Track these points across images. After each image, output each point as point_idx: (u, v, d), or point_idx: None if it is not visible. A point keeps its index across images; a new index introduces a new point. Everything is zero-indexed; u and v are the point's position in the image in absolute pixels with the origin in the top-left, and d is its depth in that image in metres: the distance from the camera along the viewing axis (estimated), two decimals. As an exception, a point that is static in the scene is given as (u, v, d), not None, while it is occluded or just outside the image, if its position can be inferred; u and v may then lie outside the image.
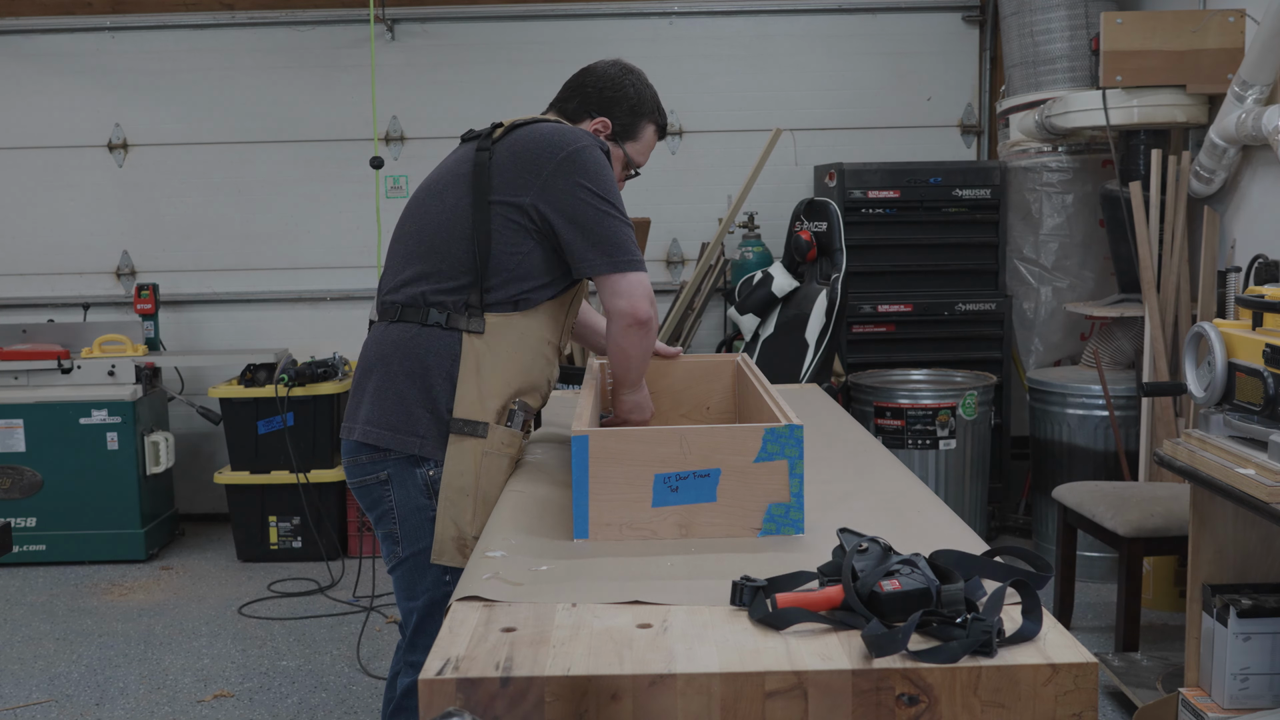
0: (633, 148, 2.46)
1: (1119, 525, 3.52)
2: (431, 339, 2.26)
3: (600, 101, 2.42)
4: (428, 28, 5.78)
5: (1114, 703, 3.54)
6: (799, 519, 1.80)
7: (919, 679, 1.31)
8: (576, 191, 2.21)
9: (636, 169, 2.50)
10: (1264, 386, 2.54)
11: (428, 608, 2.30)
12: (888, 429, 4.79)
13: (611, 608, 1.52)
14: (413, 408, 2.25)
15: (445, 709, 1.29)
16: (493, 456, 2.24)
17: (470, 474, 2.23)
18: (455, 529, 2.23)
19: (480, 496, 2.23)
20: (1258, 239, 4.05)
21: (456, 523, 2.23)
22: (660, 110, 2.49)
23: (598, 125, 2.41)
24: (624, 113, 2.43)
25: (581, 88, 2.44)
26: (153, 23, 5.75)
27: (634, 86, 2.43)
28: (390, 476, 2.28)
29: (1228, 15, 4.14)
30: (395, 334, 2.30)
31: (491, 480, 2.24)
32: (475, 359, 2.24)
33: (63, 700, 3.75)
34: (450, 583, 2.25)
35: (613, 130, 2.42)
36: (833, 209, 4.97)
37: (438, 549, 2.25)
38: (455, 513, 2.23)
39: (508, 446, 2.27)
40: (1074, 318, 5.17)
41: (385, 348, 2.30)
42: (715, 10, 5.79)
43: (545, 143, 2.24)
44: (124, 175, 5.86)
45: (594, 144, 2.26)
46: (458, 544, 2.24)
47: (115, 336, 5.31)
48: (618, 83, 2.43)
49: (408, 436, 2.25)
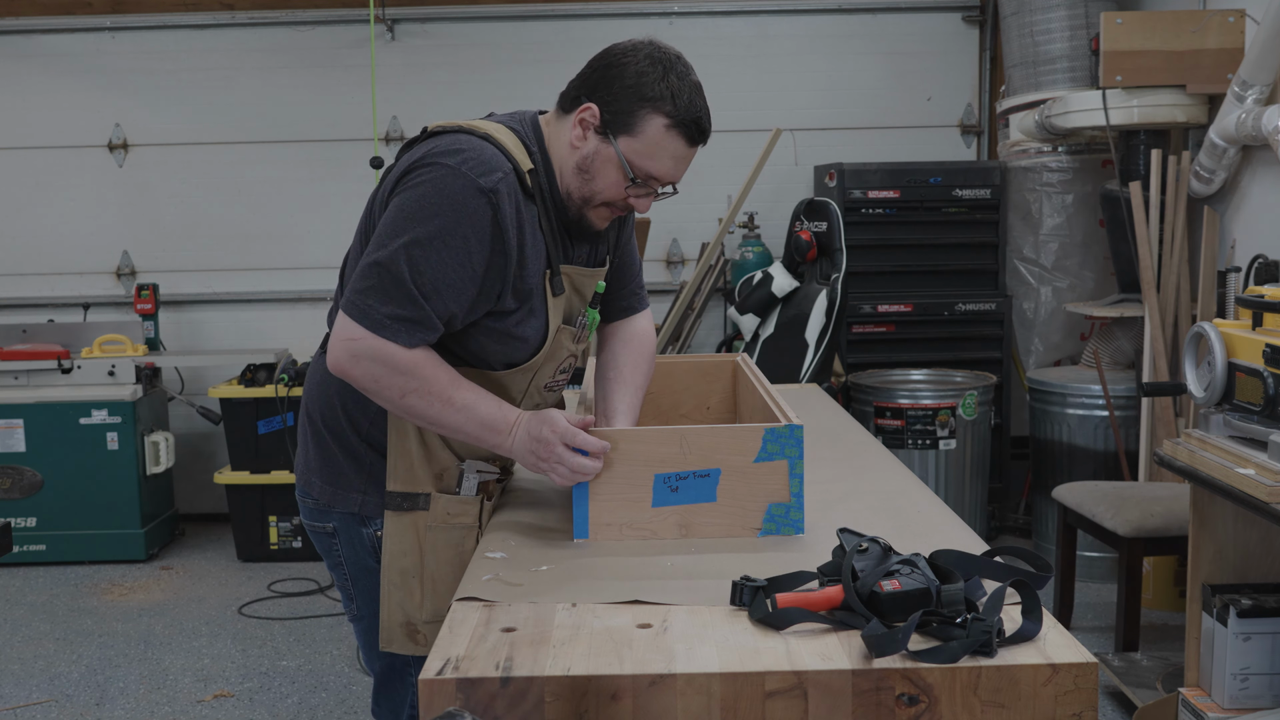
0: (630, 145, 1.84)
1: (1119, 525, 3.52)
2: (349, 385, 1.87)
3: (593, 82, 1.86)
4: (428, 28, 5.78)
5: (1114, 703, 3.54)
6: (799, 519, 1.80)
7: (919, 679, 1.31)
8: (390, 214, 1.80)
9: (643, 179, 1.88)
10: (1264, 386, 2.54)
11: (385, 673, 2.07)
12: (888, 429, 4.79)
13: (611, 608, 1.52)
14: (342, 463, 1.96)
15: (445, 709, 1.29)
16: (439, 530, 1.93)
17: (414, 553, 1.93)
18: (402, 614, 1.96)
19: (428, 577, 1.94)
20: (1258, 239, 4.05)
21: (403, 608, 1.95)
22: (676, 101, 1.84)
23: (583, 114, 1.85)
24: (616, 96, 1.83)
25: (586, 67, 1.90)
26: (153, 23, 5.75)
27: (638, 65, 1.83)
28: (336, 530, 2.00)
29: (1228, 15, 4.14)
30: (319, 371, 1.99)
31: (441, 558, 1.94)
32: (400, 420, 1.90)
33: (63, 700, 3.75)
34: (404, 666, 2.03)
35: (601, 119, 1.84)
36: (833, 209, 4.97)
37: (385, 636, 1.97)
38: (401, 596, 1.95)
39: (458, 516, 1.94)
40: (1074, 318, 5.17)
41: (312, 387, 2.01)
42: (715, 10, 5.79)
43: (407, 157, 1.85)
44: (124, 175, 5.86)
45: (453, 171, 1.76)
46: (407, 631, 1.97)
47: (115, 336, 5.31)
48: (618, 60, 1.85)
49: (346, 493, 1.96)
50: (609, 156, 1.85)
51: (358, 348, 1.77)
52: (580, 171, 1.88)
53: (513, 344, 1.90)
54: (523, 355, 1.92)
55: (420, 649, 1.95)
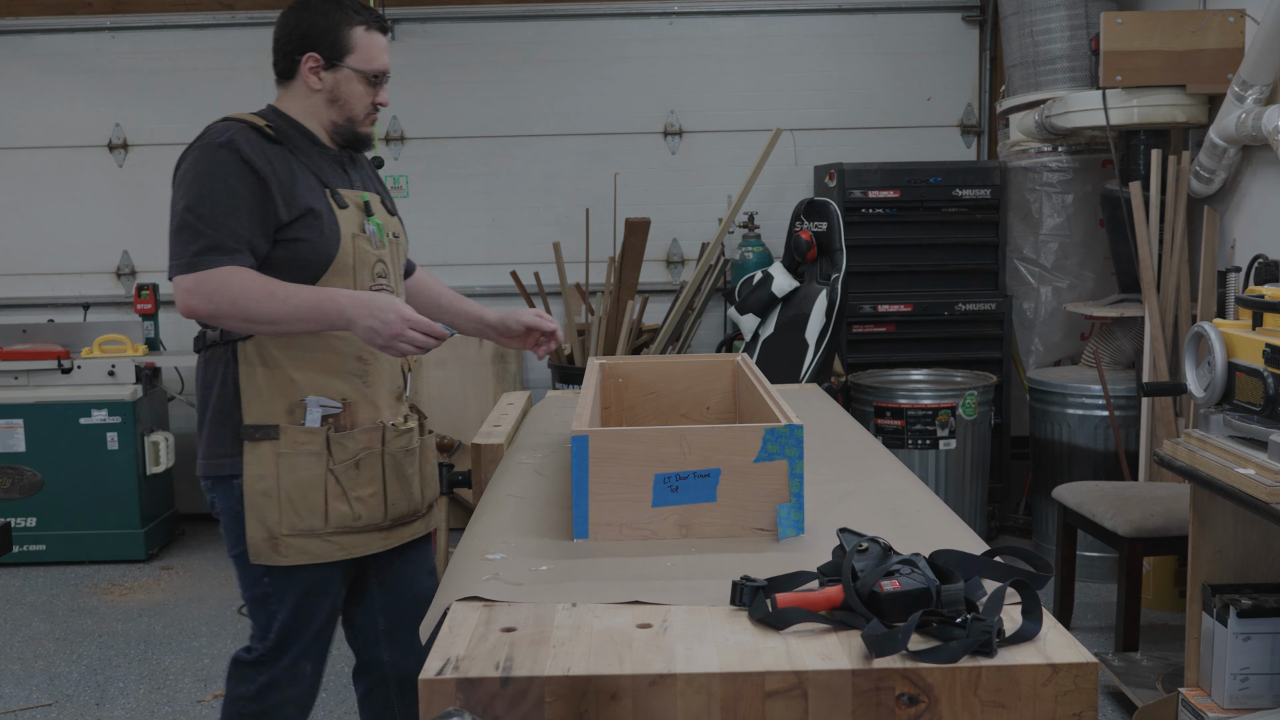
0: (355, 59, 2.33)
1: (1119, 525, 3.52)
2: (214, 361, 2.32)
3: (296, 41, 2.34)
4: (428, 28, 5.78)
5: (1114, 703, 3.54)
6: (799, 519, 1.80)
7: (919, 679, 1.31)
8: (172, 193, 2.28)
9: (377, 75, 2.36)
10: (1264, 386, 2.54)
11: (251, 603, 2.39)
12: (888, 429, 4.80)
13: (611, 608, 1.52)
14: (215, 429, 2.31)
15: (445, 709, 1.29)
16: (290, 457, 2.27)
17: (271, 476, 2.27)
18: (264, 530, 2.29)
19: (285, 496, 2.27)
20: (1258, 239, 4.05)
21: (264, 524, 2.28)
22: (359, 10, 2.34)
23: (309, 63, 2.33)
24: (320, 36, 2.32)
25: (276, 42, 2.38)
26: (153, 23, 5.76)
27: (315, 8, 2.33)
28: (214, 500, 2.37)
29: (1228, 15, 4.14)
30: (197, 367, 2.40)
31: (295, 479, 2.28)
32: (251, 364, 2.28)
33: (63, 700, 3.75)
34: (269, 584, 2.34)
35: (324, 59, 2.33)
36: (833, 209, 4.97)
37: (253, 551, 2.30)
38: (261, 514, 2.28)
39: (305, 444, 2.28)
40: (1074, 318, 5.17)
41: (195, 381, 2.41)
42: (715, 10, 5.79)
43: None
44: (124, 175, 5.86)
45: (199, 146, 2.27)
46: (269, 543, 2.29)
47: (115, 336, 5.31)
48: (296, 14, 2.34)
49: (218, 459, 2.31)
50: (346, 76, 2.34)
51: (187, 284, 2.18)
52: (332, 103, 2.36)
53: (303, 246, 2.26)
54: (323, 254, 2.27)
55: (282, 559, 2.30)
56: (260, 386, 2.28)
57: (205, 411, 2.34)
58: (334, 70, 2.34)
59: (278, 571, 2.33)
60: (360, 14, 2.34)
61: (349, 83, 2.34)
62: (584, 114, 5.73)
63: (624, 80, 5.77)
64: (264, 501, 2.28)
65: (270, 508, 2.28)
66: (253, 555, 2.31)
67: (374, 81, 2.36)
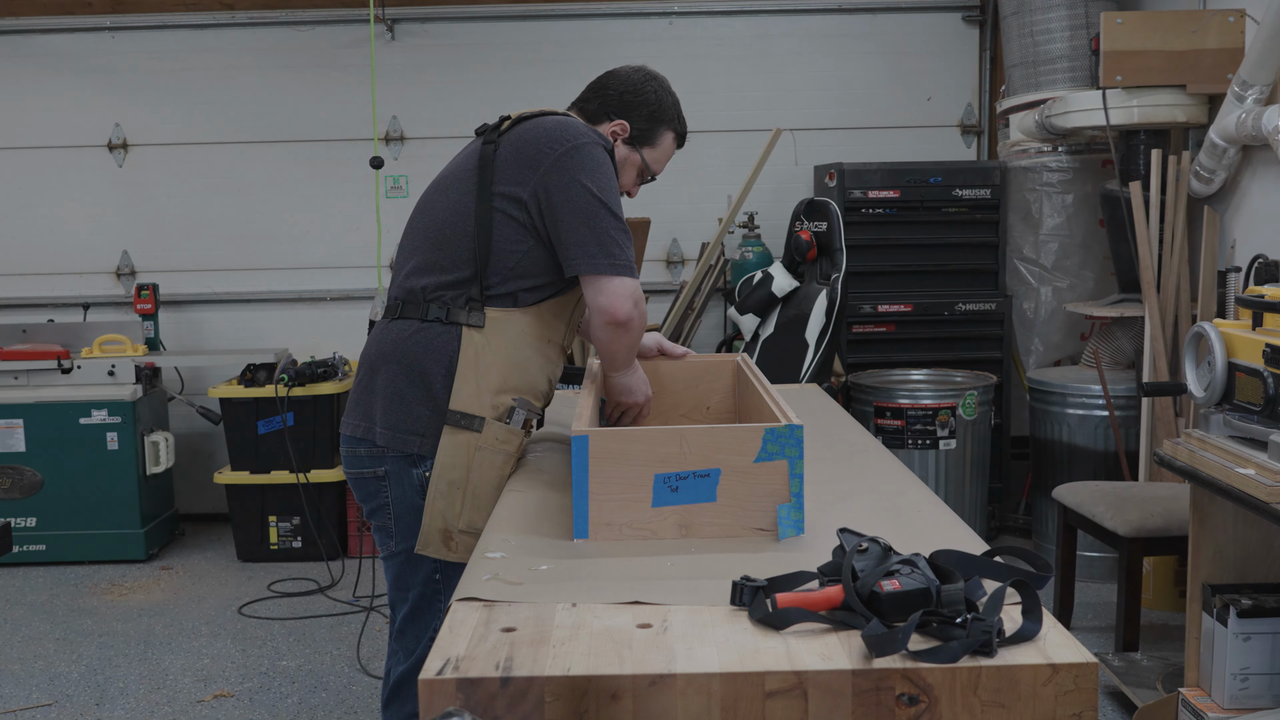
0: (650, 154, 2.44)
1: (1119, 525, 3.52)
2: (431, 335, 2.26)
3: (621, 104, 2.42)
4: (428, 28, 5.78)
5: (1114, 703, 3.54)
6: (799, 519, 1.80)
7: (919, 679, 1.31)
8: (572, 187, 2.19)
9: (653, 176, 2.49)
10: (1264, 386, 2.54)
11: (417, 602, 2.32)
12: (888, 429, 4.79)
13: (611, 608, 1.52)
14: (413, 405, 2.25)
15: (445, 709, 1.29)
16: (487, 452, 2.24)
17: (462, 467, 2.23)
18: (442, 521, 2.24)
19: (470, 491, 2.23)
20: (1258, 239, 4.05)
21: (444, 515, 2.24)
22: (680, 119, 2.48)
23: (615, 128, 2.41)
24: (643, 118, 2.42)
25: (603, 89, 2.44)
26: (153, 23, 5.76)
27: (655, 93, 2.43)
28: (388, 473, 2.28)
29: (1228, 15, 4.14)
30: (396, 331, 2.31)
31: (484, 476, 2.24)
32: (474, 353, 2.24)
33: (63, 700, 3.75)
34: (440, 580, 2.28)
35: (631, 134, 2.42)
36: (833, 209, 4.97)
37: (423, 540, 2.26)
38: (444, 505, 2.24)
39: (503, 443, 2.25)
40: (1074, 318, 5.17)
41: (385, 345, 2.31)
42: (715, 10, 5.79)
43: (547, 136, 2.24)
44: (124, 175, 5.86)
45: (597, 142, 2.25)
46: (443, 537, 2.25)
47: (115, 336, 5.31)
48: (640, 88, 2.43)
49: (407, 435, 2.25)
50: (634, 161, 2.45)
51: (637, 294, 2.22)
52: None
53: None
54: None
55: (451, 555, 2.25)
56: (477, 376, 2.24)
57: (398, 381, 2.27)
58: (630, 148, 2.44)
59: (448, 567, 2.27)
60: (680, 124, 2.49)
61: (631, 167, 2.45)
62: (584, 114, 5.72)
63: (624, 80, 5.77)
64: (450, 491, 2.23)
65: (455, 498, 2.23)
66: (420, 544, 2.26)
67: (644, 179, 2.50)
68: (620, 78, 2.45)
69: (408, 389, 2.26)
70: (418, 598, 2.31)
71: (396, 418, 2.26)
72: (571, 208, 2.19)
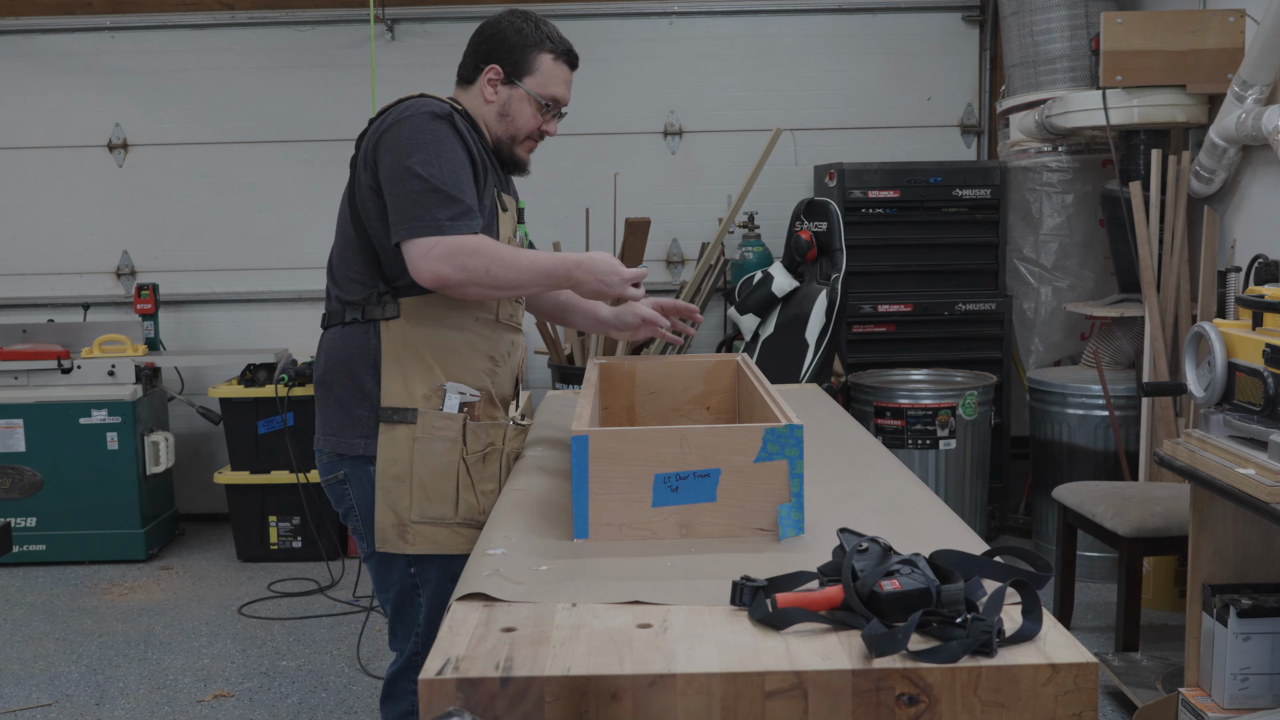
0: (533, 81, 2.35)
1: (1119, 525, 3.52)
2: (352, 337, 2.29)
3: (484, 51, 2.36)
4: (428, 28, 5.78)
5: (1114, 703, 3.54)
6: (799, 519, 1.80)
7: (919, 679, 1.31)
8: (384, 161, 2.19)
9: (550, 102, 2.37)
10: (1264, 386, 2.54)
11: (399, 599, 2.34)
12: (888, 429, 4.79)
13: (611, 608, 1.52)
14: (352, 409, 2.29)
15: (445, 709, 1.29)
16: (426, 442, 2.25)
17: (404, 461, 2.25)
18: (394, 516, 2.26)
19: (417, 482, 2.25)
20: (1258, 239, 4.05)
21: (395, 509, 2.26)
22: (552, 38, 2.37)
23: (490, 74, 2.34)
24: (507, 51, 2.34)
25: (470, 44, 2.40)
26: (153, 23, 5.75)
27: (510, 23, 2.36)
28: (347, 476, 2.32)
29: (1228, 15, 4.14)
30: (327, 341, 2.35)
31: (428, 465, 2.26)
32: (395, 346, 2.26)
33: (63, 700, 3.75)
34: (416, 574, 2.31)
35: (504, 73, 2.34)
36: (833, 209, 4.97)
37: (380, 537, 2.28)
38: (392, 499, 2.26)
39: (441, 430, 2.26)
40: (1074, 318, 5.17)
41: (321, 356, 2.37)
42: (715, 10, 5.79)
43: (379, 121, 2.26)
44: (124, 175, 5.86)
45: (420, 114, 2.20)
46: (397, 530, 2.27)
47: (115, 336, 5.31)
48: (495, 25, 2.37)
49: (352, 439, 2.29)
50: (520, 96, 2.35)
51: (439, 250, 2.12)
52: (502, 117, 2.36)
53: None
54: None
55: (409, 547, 2.27)
56: (402, 369, 2.26)
57: (335, 389, 2.31)
58: (510, 86, 2.36)
59: (421, 560, 2.30)
60: (553, 42, 2.38)
61: (520, 102, 2.36)
62: (584, 114, 5.72)
63: (624, 80, 5.77)
64: (396, 486, 2.25)
65: (402, 493, 2.26)
66: (379, 542, 2.28)
67: (544, 109, 2.38)
68: (482, 27, 2.40)
69: (345, 394, 2.30)
70: (397, 596, 2.34)
71: (341, 423, 2.30)
72: (386, 183, 2.19)
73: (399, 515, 2.26)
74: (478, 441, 2.31)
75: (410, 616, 2.35)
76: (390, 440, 2.25)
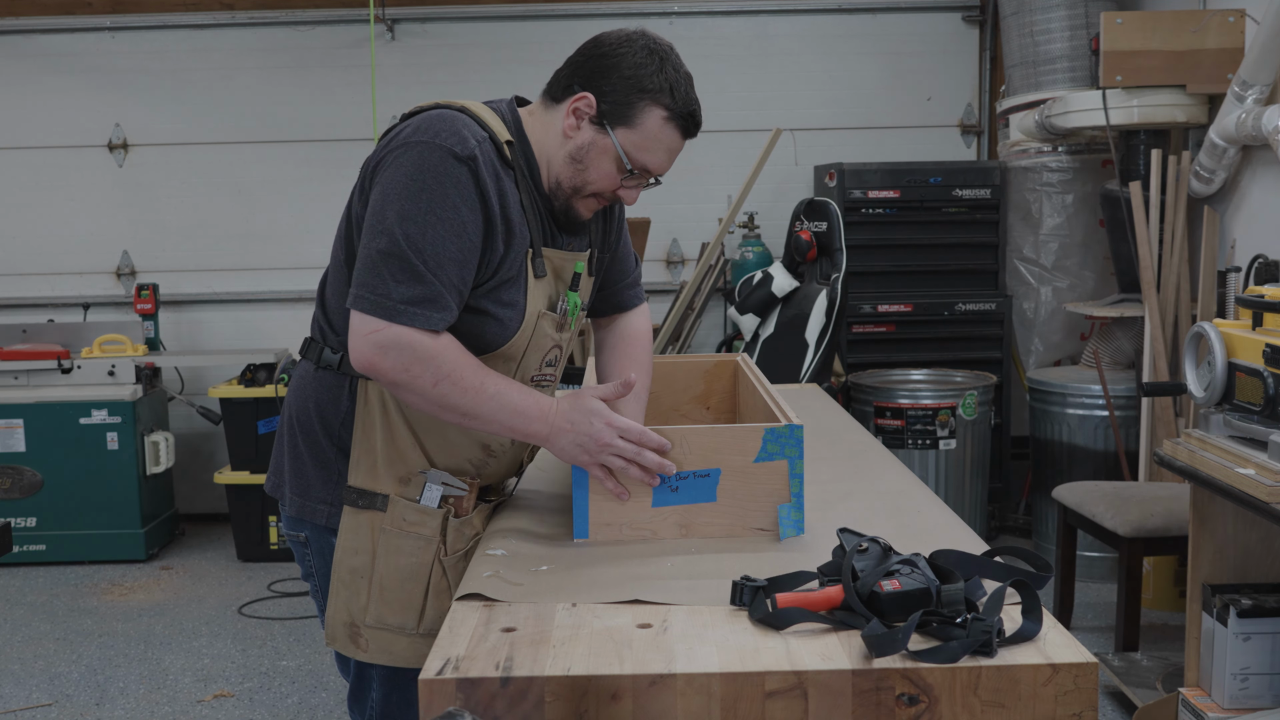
0: (627, 137, 1.81)
1: (1119, 525, 3.52)
2: (323, 386, 1.88)
3: (589, 73, 1.82)
4: (428, 28, 5.78)
5: (1114, 703, 3.54)
6: (799, 519, 1.80)
7: (919, 679, 1.31)
8: (375, 191, 1.76)
9: (639, 170, 1.84)
10: (1264, 386, 2.54)
11: (359, 671, 1.97)
12: (888, 429, 4.79)
13: (611, 608, 1.52)
14: (311, 469, 1.90)
15: (445, 709, 1.29)
16: (393, 535, 1.83)
17: (366, 553, 1.85)
18: (347, 614, 1.87)
19: (378, 582, 1.84)
20: (1258, 239, 4.05)
21: (349, 608, 1.87)
22: (675, 94, 1.83)
23: (579, 103, 1.81)
24: (614, 87, 1.80)
25: (577, 55, 1.87)
26: (153, 23, 5.75)
27: (635, 55, 1.80)
28: (309, 540, 1.95)
29: (1228, 15, 4.14)
30: (297, 374, 1.96)
31: (392, 564, 1.84)
32: (370, 413, 1.85)
33: (63, 700, 3.75)
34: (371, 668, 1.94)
35: (598, 110, 1.81)
36: (833, 209, 4.97)
37: (329, 632, 1.90)
38: (348, 595, 1.86)
39: (414, 525, 1.83)
40: (1074, 318, 5.17)
41: (291, 393, 1.95)
42: (715, 10, 5.79)
43: (393, 132, 1.81)
44: (124, 175, 5.86)
45: (435, 146, 1.72)
46: (349, 632, 1.88)
47: (115, 336, 5.31)
48: (615, 50, 1.81)
49: (316, 504, 1.90)
50: (605, 147, 1.82)
51: (381, 338, 1.69)
52: (573, 161, 1.84)
53: (488, 322, 1.81)
54: (499, 338, 1.82)
55: (360, 653, 1.88)
56: (371, 447, 1.84)
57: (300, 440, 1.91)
58: (598, 129, 1.82)
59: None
60: (673, 98, 1.83)
61: (602, 155, 1.83)
62: (584, 114, 5.73)
63: (624, 80, 5.77)
64: (353, 580, 1.85)
65: (359, 589, 1.85)
66: (328, 636, 1.90)
67: (628, 174, 1.85)
68: (599, 40, 1.86)
69: (305, 449, 1.90)
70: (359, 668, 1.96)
71: (303, 483, 1.91)
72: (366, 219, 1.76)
73: (352, 615, 1.87)
74: (460, 539, 1.87)
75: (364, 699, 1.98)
76: (353, 525, 1.85)
